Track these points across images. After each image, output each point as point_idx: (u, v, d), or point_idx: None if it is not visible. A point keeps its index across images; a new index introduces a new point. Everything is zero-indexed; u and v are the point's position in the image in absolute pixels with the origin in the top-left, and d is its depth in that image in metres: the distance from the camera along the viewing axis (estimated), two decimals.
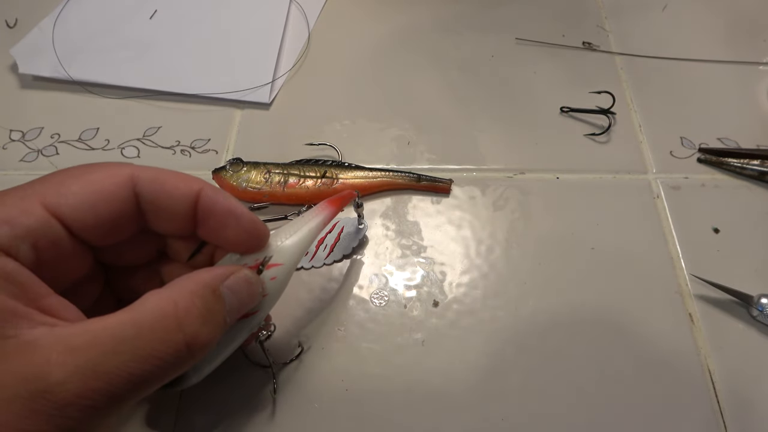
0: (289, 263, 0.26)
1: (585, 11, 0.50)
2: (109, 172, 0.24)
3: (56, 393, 0.18)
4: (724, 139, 0.41)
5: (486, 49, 0.47)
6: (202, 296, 0.21)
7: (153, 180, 0.24)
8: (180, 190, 0.24)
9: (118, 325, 0.20)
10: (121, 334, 0.19)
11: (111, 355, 0.19)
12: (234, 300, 0.22)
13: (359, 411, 0.30)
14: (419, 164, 0.40)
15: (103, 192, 0.23)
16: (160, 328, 0.20)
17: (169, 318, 0.20)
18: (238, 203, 0.25)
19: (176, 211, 0.24)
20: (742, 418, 0.29)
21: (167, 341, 0.20)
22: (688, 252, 0.35)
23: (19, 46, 0.45)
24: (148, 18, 0.48)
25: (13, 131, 0.41)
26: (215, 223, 0.25)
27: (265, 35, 0.47)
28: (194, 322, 0.21)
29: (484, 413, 0.30)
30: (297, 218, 0.28)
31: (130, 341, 0.19)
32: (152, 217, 0.25)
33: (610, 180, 0.39)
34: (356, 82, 0.45)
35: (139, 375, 0.19)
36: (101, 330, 0.19)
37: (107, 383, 0.19)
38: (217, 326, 0.22)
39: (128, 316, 0.20)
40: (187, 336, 0.20)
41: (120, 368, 0.19)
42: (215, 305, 0.22)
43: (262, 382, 0.30)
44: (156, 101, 0.43)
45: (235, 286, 0.23)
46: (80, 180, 0.23)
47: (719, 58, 0.46)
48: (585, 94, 0.43)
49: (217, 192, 0.25)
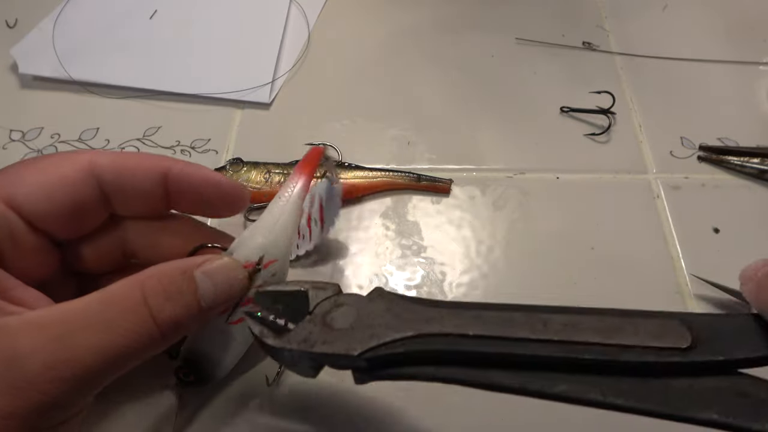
0: (283, 256, 0.25)
1: (585, 11, 0.50)
2: (66, 159, 0.24)
3: (25, 366, 0.18)
4: (724, 139, 0.41)
5: (486, 49, 0.47)
6: (169, 275, 0.22)
7: (113, 162, 0.24)
8: (143, 168, 0.24)
9: (85, 302, 0.20)
10: (89, 309, 0.20)
11: (79, 329, 0.19)
12: (208, 283, 0.22)
13: (359, 411, 0.30)
14: (419, 164, 0.40)
15: (60, 178, 0.23)
16: (126, 302, 0.20)
17: (136, 291, 0.21)
18: (212, 171, 0.26)
19: (142, 189, 0.25)
20: None
21: (133, 313, 0.20)
22: (688, 252, 0.35)
23: (19, 46, 0.45)
24: (148, 18, 0.48)
25: (13, 131, 0.41)
26: (193, 196, 0.25)
27: (265, 35, 0.47)
28: (158, 296, 0.21)
29: (485, 416, 0.30)
30: (273, 203, 0.26)
31: (97, 315, 0.20)
32: (118, 199, 0.25)
33: (610, 180, 0.39)
34: (356, 82, 0.45)
35: (108, 347, 0.20)
36: (69, 309, 0.20)
37: (76, 354, 0.19)
38: (186, 306, 0.22)
39: (96, 295, 0.20)
40: (152, 309, 0.21)
41: (88, 339, 0.19)
42: (183, 285, 0.22)
43: (258, 378, 0.30)
44: (156, 101, 0.43)
45: (210, 271, 0.23)
46: (35, 169, 0.23)
47: (719, 58, 0.46)
48: (585, 94, 0.43)
49: (188, 165, 0.25)
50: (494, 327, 0.20)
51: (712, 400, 0.18)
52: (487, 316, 0.21)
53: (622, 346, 0.19)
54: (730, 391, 0.18)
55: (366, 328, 0.21)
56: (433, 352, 0.21)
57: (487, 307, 0.21)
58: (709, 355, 0.19)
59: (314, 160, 0.27)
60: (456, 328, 0.20)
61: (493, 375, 0.20)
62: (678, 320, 0.20)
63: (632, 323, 0.20)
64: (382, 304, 0.22)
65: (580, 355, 0.19)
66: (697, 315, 0.20)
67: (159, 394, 0.29)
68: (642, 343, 0.19)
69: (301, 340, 0.22)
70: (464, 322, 0.21)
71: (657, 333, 0.19)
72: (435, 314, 0.21)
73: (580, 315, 0.20)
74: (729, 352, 0.19)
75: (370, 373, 0.22)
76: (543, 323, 0.20)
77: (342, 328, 0.22)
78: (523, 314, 0.21)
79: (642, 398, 0.19)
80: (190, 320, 0.22)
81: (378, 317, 0.21)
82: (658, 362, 0.19)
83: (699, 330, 0.19)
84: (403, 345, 0.21)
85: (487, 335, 0.20)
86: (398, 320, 0.21)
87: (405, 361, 0.21)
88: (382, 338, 0.21)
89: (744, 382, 0.19)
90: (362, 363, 0.21)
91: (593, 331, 0.20)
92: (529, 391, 0.20)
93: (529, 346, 0.20)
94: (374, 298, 0.22)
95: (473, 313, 0.21)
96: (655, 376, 0.19)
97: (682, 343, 0.19)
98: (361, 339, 0.21)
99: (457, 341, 0.20)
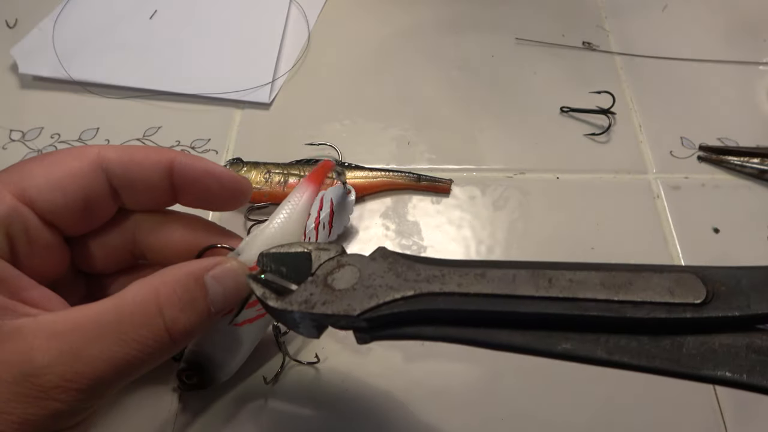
0: None
1: (585, 11, 0.50)
2: (74, 154, 0.24)
3: (41, 377, 0.18)
4: (723, 139, 0.41)
5: (486, 49, 0.47)
6: (184, 284, 0.22)
7: (121, 154, 0.24)
8: (151, 159, 0.25)
9: (100, 311, 0.20)
10: (103, 319, 0.20)
11: (94, 340, 0.19)
12: (218, 289, 0.22)
13: (359, 411, 0.30)
14: (419, 164, 0.40)
15: (70, 172, 0.23)
16: (141, 313, 0.20)
17: (150, 304, 0.21)
18: (214, 164, 0.26)
19: (150, 181, 0.25)
20: (742, 418, 0.29)
21: (147, 326, 0.20)
22: (688, 252, 0.35)
23: (19, 46, 0.45)
24: (148, 18, 0.48)
25: (13, 131, 0.41)
26: (196, 188, 0.25)
27: (265, 35, 0.47)
28: (174, 308, 0.21)
29: (484, 413, 0.30)
30: (280, 208, 0.27)
31: (112, 325, 0.20)
32: (126, 192, 0.25)
33: (610, 180, 0.39)
34: (356, 82, 0.45)
35: (122, 359, 0.20)
36: (83, 316, 0.20)
37: (91, 366, 0.19)
38: (199, 314, 0.22)
39: (110, 303, 0.20)
40: (167, 321, 0.21)
41: (103, 352, 0.19)
42: (197, 293, 0.22)
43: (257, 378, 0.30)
44: (156, 101, 0.43)
45: (220, 276, 0.23)
46: (44, 164, 0.23)
47: (719, 58, 0.46)
48: (585, 94, 0.43)
49: (191, 157, 0.25)
50: (497, 285, 0.20)
51: (726, 358, 0.17)
52: (491, 274, 0.20)
53: (631, 303, 0.18)
54: (746, 348, 0.17)
55: (367, 288, 0.21)
56: (432, 312, 0.20)
57: (493, 264, 0.21)
58: (724, 311, 0.18)
59: (324, 171, 0.29)
60: (457, 287, 0.20)
61: (495, 334, 0.20)
62: (693, 274, 0.19)
63: (644, 278, 0.19)
64: (385, 263, 0.22)
65: (585, 312, 0.19)
66: (714, 268, 0.19)
67: (160, 395, 0.29)
68: (652, 298, 0.18)
69: (302, 302, 0.22)
70: (466, 280, 0.20)
71: (669, 288, 0.18)
72: (437, 273, 0.21)
73: (588, 271, 0.20)
74: (746, 307, 0.18)
75: (371, 333, 0.22)
76: (549, 280, 0.19)
77: (343, 289, 0.21)
78: (529, 271, 0.20)
79: (651, 356, 0.18)
80: (201, 326, 0.22)
81: (379, 277, 0.21)
82: (669, 318, 0.18)
83: (715, 284, 0.18)
84: (403, 305, 0.20)
85: (489, 293, 0.20)
86: (399, 280, 0.21)
87: (405, 321, 0.21)
88: (382, 298, 0.21)
89: (762, 338, 0.18)
90: (362, 323, 0.21)
91: (601, 287, 0.19)
92: (532, 350, 0.19)
93: (533, 304, 0.19)
94: (377, 258, 0.22)
95: (478, 271, 0.20)
96: (665, 334, 0.18)
97: (696, 298, 0.18)
98: (362, 299, 0.21)
99: (457, 300, 0.20)
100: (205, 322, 0.22)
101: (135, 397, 0.29)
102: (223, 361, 0.28)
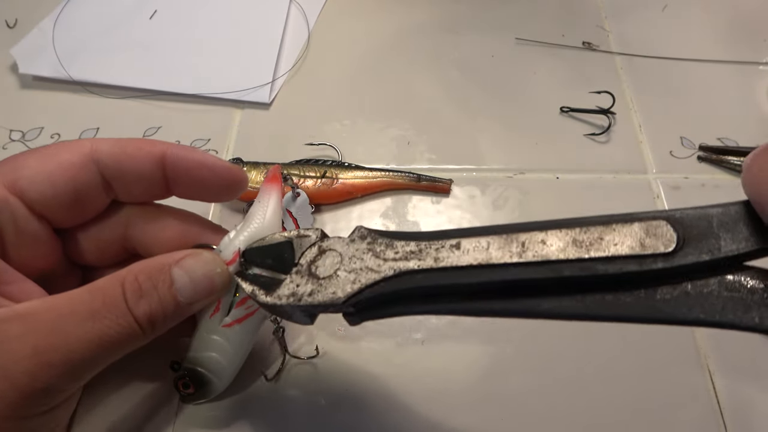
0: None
1: (585, 11, 0.50)
2: (68, 146, 0.24)
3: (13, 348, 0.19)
4: (723, 139, 0.41)
5: (486, 49, 0.47)
6: (147, 272, 0.22)
7: (113, 146, 0.25)
8: (143, 151, 0.25)
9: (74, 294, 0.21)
10: (76, 299, 0.21)
11: (67, 316, 0.20)
12: (185, 279, 0.23)
13: (359, 410, 0.30)
14: (419, 164, 0.40)
15: (61, 164, 0.24)
16: (109, 297, 0.21)
17: (116, 288, 0.21)
18: (207, 154, 0.26)
19: (142, 172, 0.25)
20: (742, 418, 0.29)
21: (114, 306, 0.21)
22: None
23: (19, 46, 0.45)
24: (148, 18, 0.48)
25: (13, 131, 0.41)
26: (189, 179, 0.26)
27: (265, 35, 0.47)
28: (134, 294, 0.22)
29: (484, 413, 0.30)
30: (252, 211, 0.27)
31: (84, 304, 0.21)
32: (119, 184, 0.25)
33: (610, 180, 0.39)
34: (356, 82, 0.45)
35: (94, 336, 0.20)
36: (58, 298, 0.21)
37: (64, 340, 0.20)
38: (161, 301, 0.22)
39: (84, 288, 0.22)
40: (130, 306, 0.21)
41: (76, 327, 0.20)
42: (158, 281, 0.22)
43: (256, 378, 0.30)
44: (156, 101, 0.43)
45: (188, 266, 0.23)
46: (37, 156, 0.24)
47: (719, 58, 0.46)
48: (585, 94, 0.43)
49: (183, 148, 0.26)
50: (471, 255, 0.20)
51: (699, 299, 0.18)
52: (466, 244, 0.21)
53: (602, 259, 0.19)
54: (719, 285, 0.18)
55: (349, 273, 0.22)
56: (413, 290, 0.21)
57: (467, 232, 0.21)
58: (694, 256, 0.18)
59: (278, 172, 0.29)
60: (434, 261, 0.21)
61: (475, 303, 0.20)
62: (664, 220, 0.19)
63: (614, 230, 0.19)
64: (363, 244, 0.23)
65: (558, 274, 0.19)
66: (685, 210, 0.19)
67: (161, 393, 0.29)
68: (623, 252, 0.18)
69: (289, 295, 0.22)
70: (442, 254, 0.21)
71: (640, 239, 0.18)
72: (415, 248, 0.21)
73: (560, 229, 0.20)
74: (717, 250, 0.18)
75: (359, 315, 0.22)
76: (522, 244, 0.20)
77: (327, 276, 0.22)
78: (502, 237, 0.21)
79: (627, 306, 0.18)
80: (168, 315, 0.23)
81: (359, 260, 0.22)
82: (641, 271, 0.18)
83: (687, 227, 0.18)
84: (384, 286, 0.21)
85: (465, 265, 0.20)
86: (379, 260, 0.22)
87: (390, 301, 0.22)
88: (364, 282, 0.21)
89: (734, 278, 0.18)
90: (349, 308, 0.22)
91: (573, 246, 0.19)
92: (514, 312, 0.20)
93: (508, 271, 0.20)
94: (355, 239, 0.23)
95: (453, 242, 0.21)
96: (640, 286, 0.18)
97: (666, 246, 0.18)
98: (344, 285, 0.22)
99: (435, 276, 0.21)
100: (174, 311, 0.23)
101: (135, 397, 0.29)
102: (218, 365, 0.27)
